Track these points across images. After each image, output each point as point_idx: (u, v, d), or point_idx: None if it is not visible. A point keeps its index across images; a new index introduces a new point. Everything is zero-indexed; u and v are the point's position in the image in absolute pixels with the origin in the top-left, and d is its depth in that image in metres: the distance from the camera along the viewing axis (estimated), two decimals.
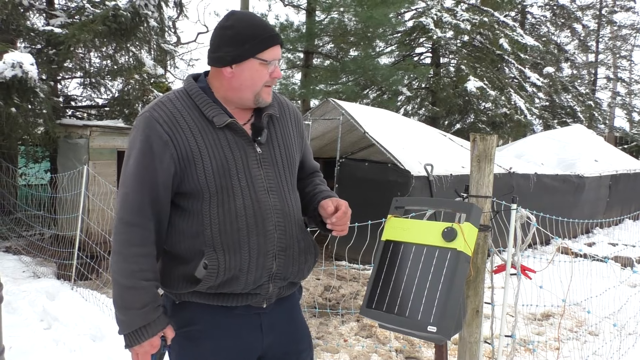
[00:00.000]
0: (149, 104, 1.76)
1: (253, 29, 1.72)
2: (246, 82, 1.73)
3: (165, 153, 1.66)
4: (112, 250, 1.68)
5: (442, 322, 1.72)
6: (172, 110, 1.70)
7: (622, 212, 10.92)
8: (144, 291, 1.65)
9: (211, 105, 1.73)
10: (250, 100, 1.76)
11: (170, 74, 12.73)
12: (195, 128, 1.70)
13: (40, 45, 7.43)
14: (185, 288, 1.72)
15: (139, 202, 1.66)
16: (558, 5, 21.90)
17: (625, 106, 28.65)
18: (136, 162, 1.67)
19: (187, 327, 1.76)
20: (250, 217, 1.71)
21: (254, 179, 1.74)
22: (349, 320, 5.08)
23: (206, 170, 1.67)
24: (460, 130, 17.35)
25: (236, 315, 1.77)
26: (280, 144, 1.85)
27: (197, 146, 1.68)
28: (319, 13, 14.92)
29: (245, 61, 1.71)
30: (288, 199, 1.82)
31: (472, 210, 1.86)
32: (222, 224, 1.69)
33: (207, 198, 1.69)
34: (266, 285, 1.75)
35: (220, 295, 1.74)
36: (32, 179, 9.31)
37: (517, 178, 8.05)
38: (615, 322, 4.29)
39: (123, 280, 1.65)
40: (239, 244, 1.70)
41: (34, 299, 5.07)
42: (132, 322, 1.65)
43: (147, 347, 1.67)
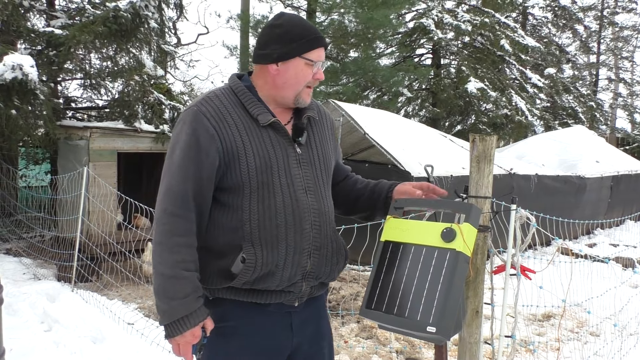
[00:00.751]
0: (195, 99, 1.80)
1: (301, 29, 1.79)
2: (290, 80, 1.79)
3: (211, 146, 1.70)
4: (154, 241, 1.71)
5: (441, 323, 1.71)
6: (218, 106, 1.75)
7: (623, 213, 10.90)
8: (186, 281, 1.66)
9: (256, 103, 1.79)
10: (290, 100, 1.81)
11: (170, 75, 12.74)
12: (240, 124, 1.75)
13: (41, 46, 7.44)
14: (220, 283, 1.75)
15: (183, 194, 1.69)
16: (559, 7, 21.88)
17: (626, 107, 28.61)
18: (182, 154, 1.71)
19: (220, 324, 1.78)
20: (289, 215, 1.75)
21: (294, 178, 1.79)
22: (349, 321, 5.07)
23: (249, 166, 1.72)
24: (461, 132, 17.33)
25: (269, 313, 1.80)
26: (318, 146, 1.91)
27: (242, 142, 1.72)
28: (319, 14, 14.92)
29: (292, 60, 1.77)
30: (324, 199, 1.87)
31: (472, 211, 1.85)
32: (261, 219, 1.73)
33: (247, 193, 1.73)
34: (299, 283, 1.80)
35: (254, 292, 1.76)
36: (33, 181, 9.32)
37: (518, 179, 8.03)
38: (616, 322, 4.28)
39: (166, 270, 1.66)
40: (277, 240, 1.73)
41: (35, 301, 5.08)
42: (174, 312, 1.66)
43: (189, 337, 1.69)
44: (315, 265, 1.81)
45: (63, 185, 6.61)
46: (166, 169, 1.75)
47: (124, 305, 5.25)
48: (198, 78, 17.93)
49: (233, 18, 15.18)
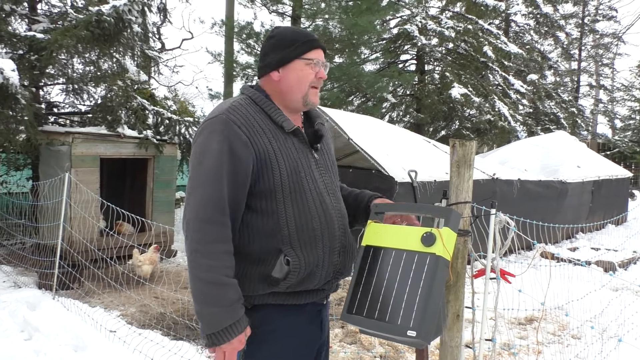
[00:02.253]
0: (219, 108, 1.83)
1: (295, 35, 1.91)
2: (294, 83, 1.88)
3: (245, 153, 1.74)
4: (191, 249, 1.69)
5: (421, 327, 1.72)
6: (246, 115, 1.80)
7: (604, 217, 11.05)
8: (230, 288, 1.69)
9: (279, 111, 1.86)
10: (299, 102, 1.90)
11: (154, 80, 12.67)
12: (268, 131, 1.81)
13: (22, 50, 7.35)
14: (263, 289, 1.79)
15: (218, 200, 1.71)
16: (541, 14, 22.13)
17: (607, 113, 29.04)
18: (215, 162, 1.72)
19: (260, 328, 1.82)
20: (322, 216, 1.84)
21: (317, 182, 1.88)
22: (333, 326, 5.06)
23: (281, 171, 1.78)
24: (445, 137, 17.44)
25: (304, 313, 1.88)
26: (328, 152, 2.04)
27: (272, 148, 1.78)
28: (304, 20, 14.95)
29: (291, 63, 1.87)
30: (341, 201, 2.00)
31: (451, 215, 1.86)
32: (298, 222, 1.80)
33: (280, 198, 1.78)
34: (332, 281, 1.92)
35: (294, 294, 1.83)
36: (13, 187, 9.18)
37: (500, 184, 8.10)
38: (596, 325, 4.33)
39: (209, 277, 1.66)
40: (314, 241, 1.82)
41: (15, 309, 5.00)
42: (222, 320, 1.67)
43: (236, 344, 1.71)
44: (342, 263, 1.92)
45: (44, 192, 6.54)
46: (197, 178, 1.74)
47: (106, 312, 5.20)
48: (182, 83, 17.90)
49: (217, 24, 15.14)
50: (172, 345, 4.23)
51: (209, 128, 1.77)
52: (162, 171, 7.25)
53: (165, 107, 8.39)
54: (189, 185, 1.77)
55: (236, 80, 15.07)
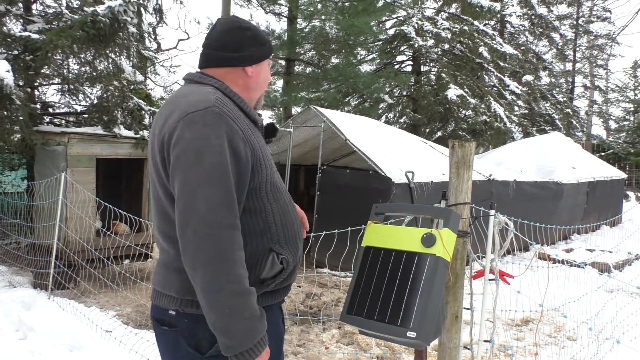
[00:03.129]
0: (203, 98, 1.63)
1: (264, 33, 1.85)
2: (261, 82, 1.83)
3: (245, 150, 1.61)
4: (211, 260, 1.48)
5: (421, 328, 1.72)
6: (231, 108, 1.66)
7: (599, 219, 11.08)
8: (254, 297, 1.55)
9: (248, 104, 1.78)
10: (254, 101, 1.84)
11: (150, 80, 12.64)
12: (248, 127, 1.69)
13: (17, 51, 7.32)
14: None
15: (231, 202, 1.54)
16: (536, 15, 22.22)
17: (602, 114, 29.19)
18: (221, 160, 1.53)
19: None
20: (293, 211, 1.81)
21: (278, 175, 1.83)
22: (330, 327, 5.06)
23: (266, 167, 1.70)
24: (441, 138, 17.48)
25: (273, 312, 1.77)
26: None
27: (258, 144, 1.69)
28: (300, 21, 14.96)
29: (263, 62, 1.82)
30: None
31: (451, 217, 1.87)
32: (282, 218, 1.73)
33: (264, 195, 1.68)
34: (297, 273, 1.85)
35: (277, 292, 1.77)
36: (8, 187, 9.14)
37: (496, 185, 8.12)
38: (592, 326, 4.34)
39: (239, 288, 1.50)
40: (295, 237, 1.78)
41: (9, 309, 4.98)
42: (257, 330, 1.53)
43: (265, 356, 1.57)
44: (300, 255, 1.85)
45: (40, 191, 6.51)
46: (198, 178, 1.52)
47: (102, 312, 5.18)
48: (178, 84, 17.82)
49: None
50: None
51: (199, 122, 1.55)
52: None
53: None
54: (186, 187, 1.53)
55: None
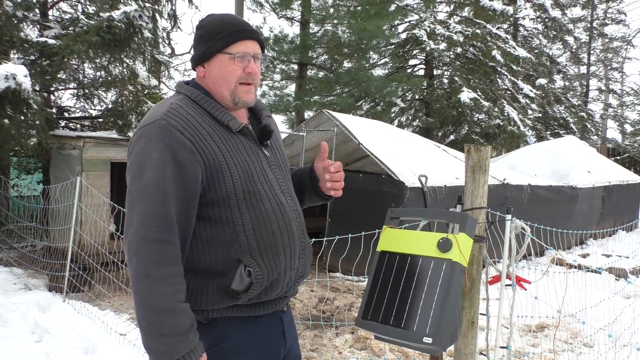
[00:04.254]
0: (153, 113, 1.64)
1: (221, 26, 1.70)
2: (218, 79, 1.69)
3: (192, 162, 1.56)
4: (137, 274, 1.51)
5: (437, 334, 1.70)
6: (187, 117, 1.61)
7: (615, 223, 10.96)
8: (183, 314, 1.52)
9: (222, 109, 1.68)
10: (228, 100, 1.70)
11: (164, 84, 12.73)
12: (214, 134, 1.63)
13: (34, 56, 7.42)
14: (221, 303, 1.63)
15: (165, 217, 1.53)
16: (550, 18, 22.09)
17: (617, 118, 28.92)
18: (158, 174, 1.53)
19: (218, 345, 1.66)
20: (280, 220, 1.69)
21: (271, 182, 1.72)
22: (343, 332, 5.05)
23: (233, 176, 1.62)
24: (454, 142, 17.41)
25: (265, 323, 1.72)
26: (278, 147, 1.86)
27: (220, 153, 1.62)
28: (312, 25, 15.00)
29: (214, 57, 1.69)
30: (297, 200, 1.83)
31: (467, 221, 1.85)
32: (256, 229, 1.64)
33: (235, 205, 1.62)
34: (294, 286, 1.76)
35: (257, 305, 1.69)
36: (25, 191, 9.25)
37: (510, 189, 8.07)
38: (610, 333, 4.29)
39: (159, 304, 1.49)
40: (275, 247, 1.66)
41: (25, 312, 5.03)
42: (175, 350, 1.50)
43: None
44: (303, 266, 1.77)
45: (55, 195, 6.57)
46: (136, 192, 1.55)
47: (116, 315, 5.21)
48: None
49: None
50: None
51: (147, 136, 1.57)
52: None
53: None
54: (127, 202, 1.56)
55: None
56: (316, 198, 1.96)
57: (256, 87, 1.75)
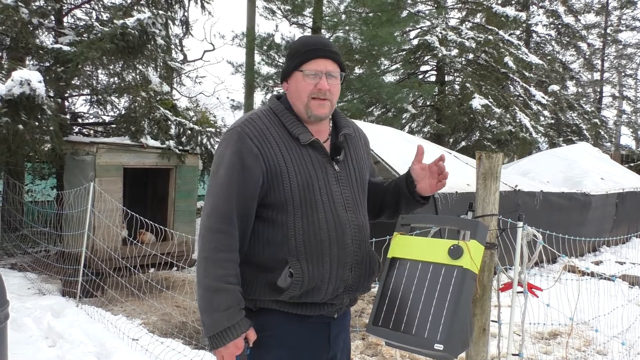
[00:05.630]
0: (238, 120, 1.88)
1: (300, 45, 1.89)
2: (294, 94, 1.88)
3: (255, 165, 1.77)
4: (199, 256, 1.77)
5: (448, 340, 1.70)
6: (261, 127, 1.83)
7: (629, 231, 10.84)
8: (228, 294, 1.72)
9: (296, 123, 1.86)
10: (303, 113, 1.87)
11: (176, 91, 12.83)
12: (282, 144, 1.82)
13: (49, 62, 7.51)
14: (268, 296, 1.81)
15: (227, 211, 1.76)
16: (563, 24, 21.95)
17: (631, 124, 28.61)
18: (227, 173, 1.78)
19: (262, 333, 1.83)
20: (332, 230, 1.82)
21: (334, 195, 1.86)
22: (354, 338, 5.04)
23: (292, 184, 1.79)
24: (465, 148, 17.34)
25: (309, 324, 1.86)
26: (355, 164, 1.98)
27: (283, 161, 1.80)
28: (324, 32, 15.04)
29: (292, 74, 1.88)
30: (362, 215, 1.94)
31: (478, 228, 1.85)
32: (306, 235, 1.80)
33: (291, 210, 1.80)
34: (341, 296, 1.87)
35: (299, 305, 1.83)
36: (39, 196, 9.35)
37: (522, 196, 8.02)
38: (624, 341, 4.25)
39: (210, 283, 1.73)
40: (321, 255, 1.80)
41: (39, 316, 5.07)
42: (217, 324, 1.72)
43: (232, 349, 1.74)
44: (355, 279, 1.88)
45: (69, 200, 6.63)
46: (211, 187, 1.82)
47: (128, 320, 5.24)
48: (204, 94, 18.06)
49: (238, 36, 15.32)
50: (193, 355, 4.24)
51: (226, 140, 1.82)
52: (183, 181, 7.32)
53: (187, 117, 8.47)
54: (206, 194, 1.85)
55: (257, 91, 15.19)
56: (414, 203, 2.07)
57: (332, 102, 1.89)
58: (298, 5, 14.33)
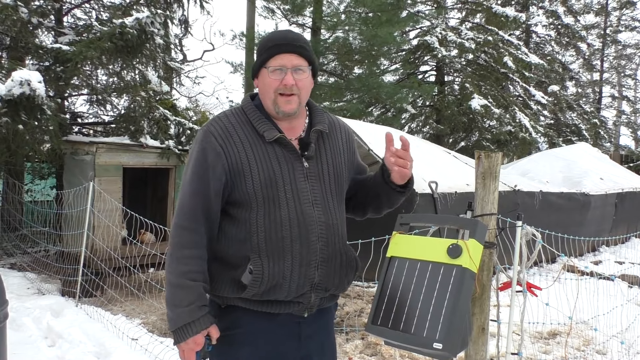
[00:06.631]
0: (208, 120, 1.92)
1: (267, 42, 1.87)
2: (262, 91, 1.87)
3: (217, 163, 1.79)
4: (167, 252, 1.83)
5: (448, 339, 1.70)
6: (226, 125, 1.84)
7: (628, 230, 10.85)
8: (190, 290, 1.75)
9: (263, 121, 1.85)
10: (272, 110, 1.86)
11: (176, 91, 12.82)
12: (246, 142, 1.82)
13: (49, 62, 7.50)
14: (232, 293, 1.82)
15: (192, 208, 1.80)
16: (562, 25, 21.93)
17: (630, 124, 28.63)
18: (192, 171, 1.82)
19: (230, 331, 1.84)
20: (294, 227, 1.80)
21: (300, 192, 1.83)
22: (353, 338, 5.04)
23: (254, 181, 1.79)
24: (464, 148, 17.34)
25: (278, 322, 1.85)
26: (329, 159, 1.94)
27: (247, 159, 1.80)
28: (324, 32, 15.04)
29: (259, 72, 1.87)
30: (332, 212, 1.90)
31: (477, 227, 1.85)
32: (267, 232, 1.79)
33: (254, 207, 1.81)
34: (308, 294, 1.84)
35: (264, 302, 1.83)
36: (38, 196, 9.34)
37: (522, 196, 8.02)
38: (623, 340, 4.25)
39: (173, 279, 1.77)
40: (282, 252, 1.79)
41: (39, 316, 5.07)
42: (178, 319, 1.75)
43: (192, 344, 1.76)
44: (323, 277, 1.85)
45: (68, 200, 6.63)
46: (181, 185, 1.87)
47: (128, 320, 5.24)
48: (203, 94, 18.07)
49: (238, 36, 15.32)
50: None
51: (195, 139, 1.88)
52: None
53: (186, 117, 8.47)
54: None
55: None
56: (393, 193, 2.00)
57: (300, 97, 1.86)
58: (298, 5, 14.33)
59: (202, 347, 1.78)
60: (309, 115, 1.97)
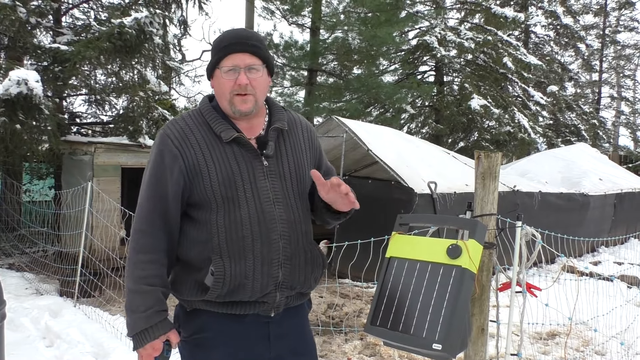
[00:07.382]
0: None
1: (219, 42, 1.84)
2: (218, 92, 1.85)
3: (174, 166, 1.77)
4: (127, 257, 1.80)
5: (447, 340, 1.69)
6: (183, 127, 1.83)
7: (627, 231, 10.85)
8: (147, 295, 1.73)
9: (220, 121, 1.83)
10: (228, 110, 1.84)
11: (174, 91, 12.81)
12: (203, 143, 1.80)
13: (47, 62, 7.49)
14: (196, 296, 1.79)
15: (150, 211, 1.79)
16: (562, 25, 21.95)
17: (629, 125, 28.67)
18: (149, 174, 1.82)
19: (198, 335, 1.82)
20: (255, 226, 1.77)
21: (260, 191, 1.80)
22: (352, 338, 5.03)
23: (212, 182, 1.77)
24: (464, 148, 17.34)
25: (245, 323, 1.82)
26: (290, 157, 1.90)
27: (204, 160, 1.78)
28: (323, 32, 15.04)
29: (214, 73, 1.85)
30: (294, 210, 1.86)
31: (477, 227, 1.84)
32: (228, 232, 1.77)
33: (214, 208, 1.78)
34: (273, 293, 1.80)
35: (228, 304, 1.79)
36: (36, 196, 9.33)
37: (521, 196, 8.02)
38: (622, 341, 4.25)
39: (131, 284, 1.75)
40: (243, 252, 1.76)
41: (37, 316, 5.05)
42: (135, 325, 1.73)
43: (149, 350, 1.74)
44: (287, 275, 1.81)
45: (67, 200, 6.62)
46: (140, 189, 1.85)
47: None
48: (202, 94, 18.04)
49: None
50: None
51: (154, 142, 1.86)
52: None
53: None
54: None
55: None
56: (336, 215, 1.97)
57: (256, 96, 1.82)
58: (297, 5, 14.34)
59: (160, 352, 1.77)
60: (268, 113, 1.94)
